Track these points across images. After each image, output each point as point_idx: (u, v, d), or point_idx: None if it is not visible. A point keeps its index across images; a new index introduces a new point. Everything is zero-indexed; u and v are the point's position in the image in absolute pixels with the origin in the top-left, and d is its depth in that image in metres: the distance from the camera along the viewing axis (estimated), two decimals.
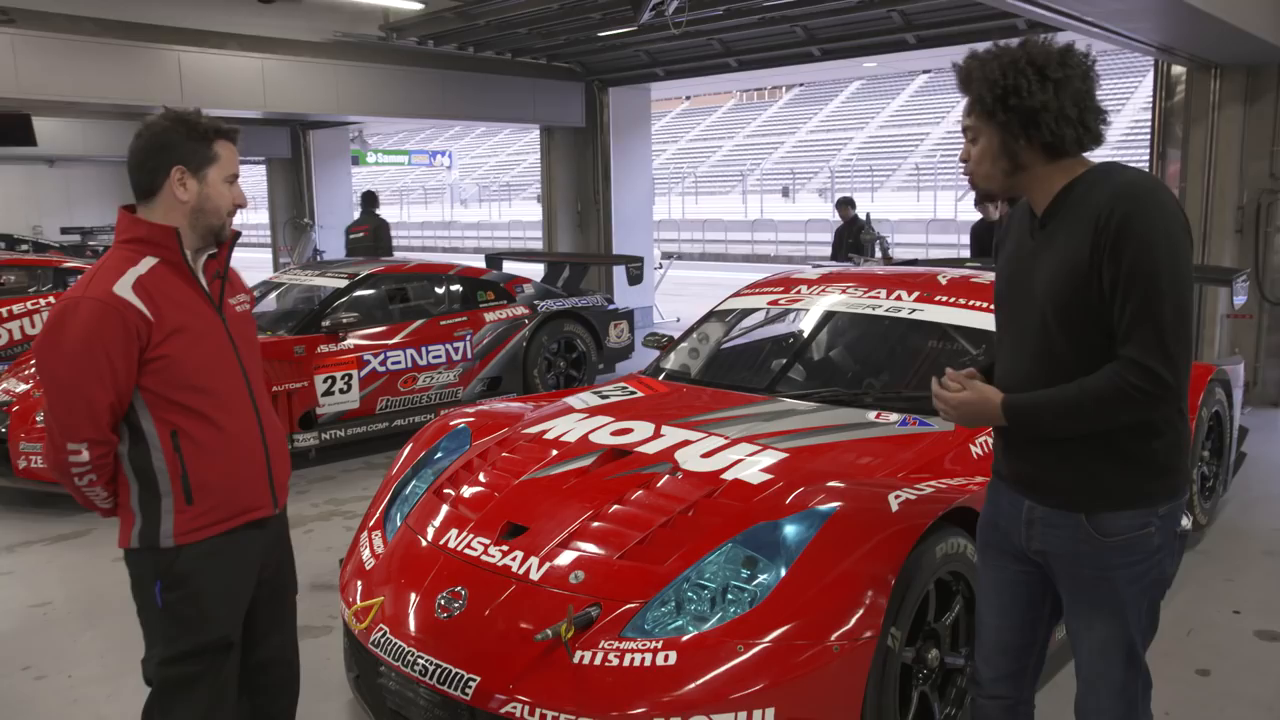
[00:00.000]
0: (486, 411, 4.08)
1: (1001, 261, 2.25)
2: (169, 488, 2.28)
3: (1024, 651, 2.33)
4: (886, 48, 10.24)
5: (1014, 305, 2.15)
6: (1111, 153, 20.07)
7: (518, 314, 7.91)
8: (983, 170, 2.10)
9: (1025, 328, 2.10)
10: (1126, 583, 2.09)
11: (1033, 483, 2.15)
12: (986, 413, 2.09)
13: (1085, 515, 2.07)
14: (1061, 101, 1.98)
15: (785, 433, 3.43)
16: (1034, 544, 2.17)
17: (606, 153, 12.91)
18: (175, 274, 2.30)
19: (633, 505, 3.04)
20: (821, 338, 4.42)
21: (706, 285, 19.97)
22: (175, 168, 2.26)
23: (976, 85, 2.03)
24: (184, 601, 2.34)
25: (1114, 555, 2.07)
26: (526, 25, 9.87)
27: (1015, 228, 2.22)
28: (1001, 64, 2.00)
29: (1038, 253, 2.09)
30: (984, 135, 2.07)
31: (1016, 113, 1.99)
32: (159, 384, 2.23)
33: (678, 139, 49.52)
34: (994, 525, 2.30)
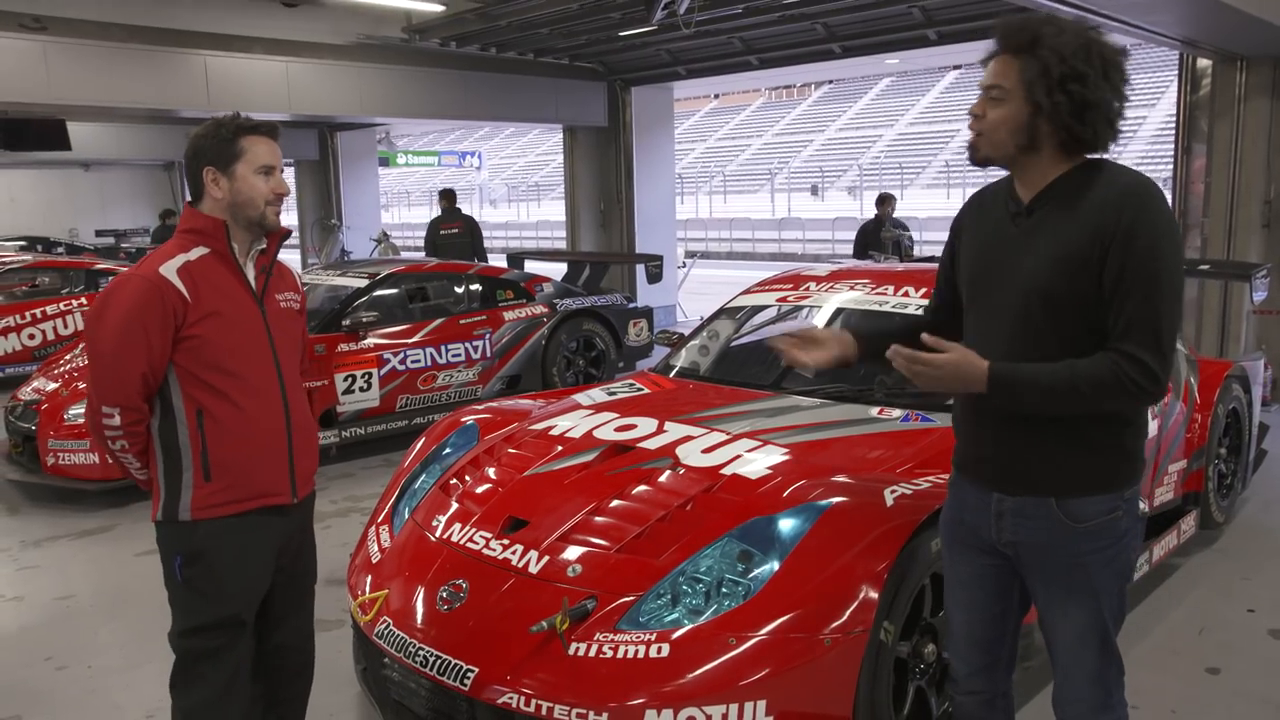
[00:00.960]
0: (496, 408, 4.14)
1: (971, 242, 2.21)
2: (190, 462, 2.43)
3: (996, 644, 2.33)
4: (907, 44, 10.20)
5: (988, 287, 2.12)
6: (1145, 149, 19.83)
7: (537, 313, 7.96)
8: (998, 137, 2.02)
9: (1000, 311, 2.08)
10: (1099, 567, 2.09)
11: (1002, 472, 2.14)
12: (969, 377, 1.97)
13: (1056, 501, 2.07)
14: (1111, 103, 1.95)
15: (787, 428, 3.45)
16: (1005, 536, 2.16)
17: (629, 152, 12.96)
18: (221, 264, 2.46)
19: (632, 500, 3.07)
20: None
21: (731, 284, 19.85)
22: (205, 169, 2.45)
23: (1043, 54, 1.93)
24: (200, 577, 2.47)
25: (1086, 541, 2.08)
26: (547, 26, 9.94)
27: (987, 210, 2.18)
28: (1077, 43, 1.93)
29: (1022, 238, 2.06)
30: (1013, 103, 1.98)
31: (1071, 99, 1.93)
32: (190, 361, 2.39)
33: (706, 138, 49.45)
34: (958, 521, 2.29)
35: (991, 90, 2.02)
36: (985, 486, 2.18)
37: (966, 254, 2.23)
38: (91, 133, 16.78)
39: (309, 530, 2.76)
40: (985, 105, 2.04)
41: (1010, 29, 2.00)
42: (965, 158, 2.15)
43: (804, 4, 9.04)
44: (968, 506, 2.24)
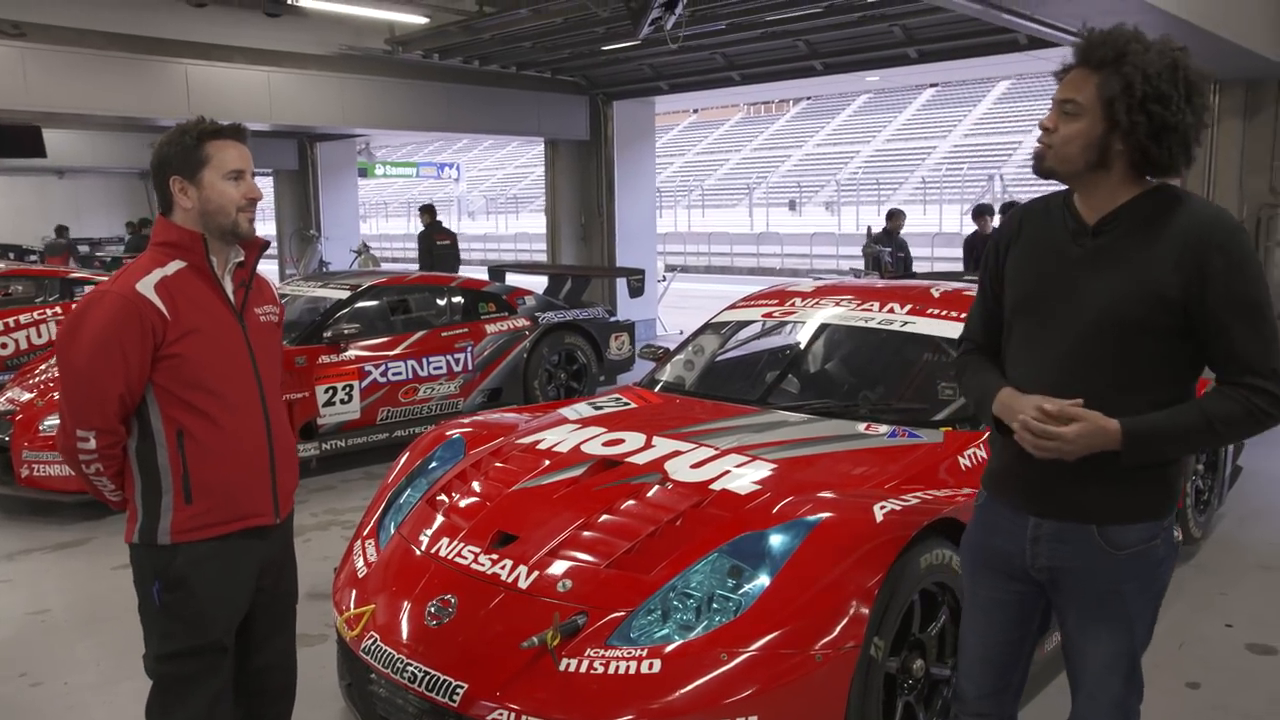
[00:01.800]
0: (482, 422, 4.12)
1: (1024, 259, 2.13)
2: (170, 484, 2.34)
3: (1009, 668, 2.30)
4: (888, 62, 10.30)
5: (1044, 307, 2.06)
6: None
7: (519, 325, 7.95)
8: (1069, 151, 1.95)
9: (1058, 332, 2.03)
10: (1135, 594, 2.07)
11: (1044, 497, 2.09)
12: (1100, 441, 1.92)
13: (1097, 527, 2.04)
14: (1190, 128, 1.90)
15: (775, 444, 3.46)
16: (1040, 561, 2.12)
17: (610, 165, 13.00)
18: (199, 278, 2.38)
19: (621, 515, 3.07)
20: (815, 350, 4.45)
21: (711, 298, 19.96)
22: (172, 179, 2.35)
23: (1128, 71, 1.86)
24: (180, 602, 2.39)
25: (1125, 568, 2.05)
26: (531, 39, 9.97)
27: (1040, 226, 2.11)
28: (1164, 63, 1.87)
29: (1088, 260, 2.01)
30: (1088, 119, 1.92)
31: (1150, 120, 1.87)
32: (169, 381, 2.30)
33: (685, 152, 49.67)
34: (986, 545, 2.24)
35: (1066, 104, 1.95)
36: (1022, 510, 2.13)
37: (1017, 270, 2.16)
38: (67, 140, 16.67)
39: (290, 548, 2.70)
40: (1058, 119, 1.97)
41: (1094, 42, 1.93)
42: (941, 174, 2.11)
43: (787, 21, 9.11)
44: (999, 530, 2.19)
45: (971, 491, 3.19)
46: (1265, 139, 8.41)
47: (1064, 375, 2.00)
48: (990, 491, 2.25)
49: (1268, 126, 8.37)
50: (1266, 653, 4.01)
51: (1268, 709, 3.58)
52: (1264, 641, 4.09)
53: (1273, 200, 8.52)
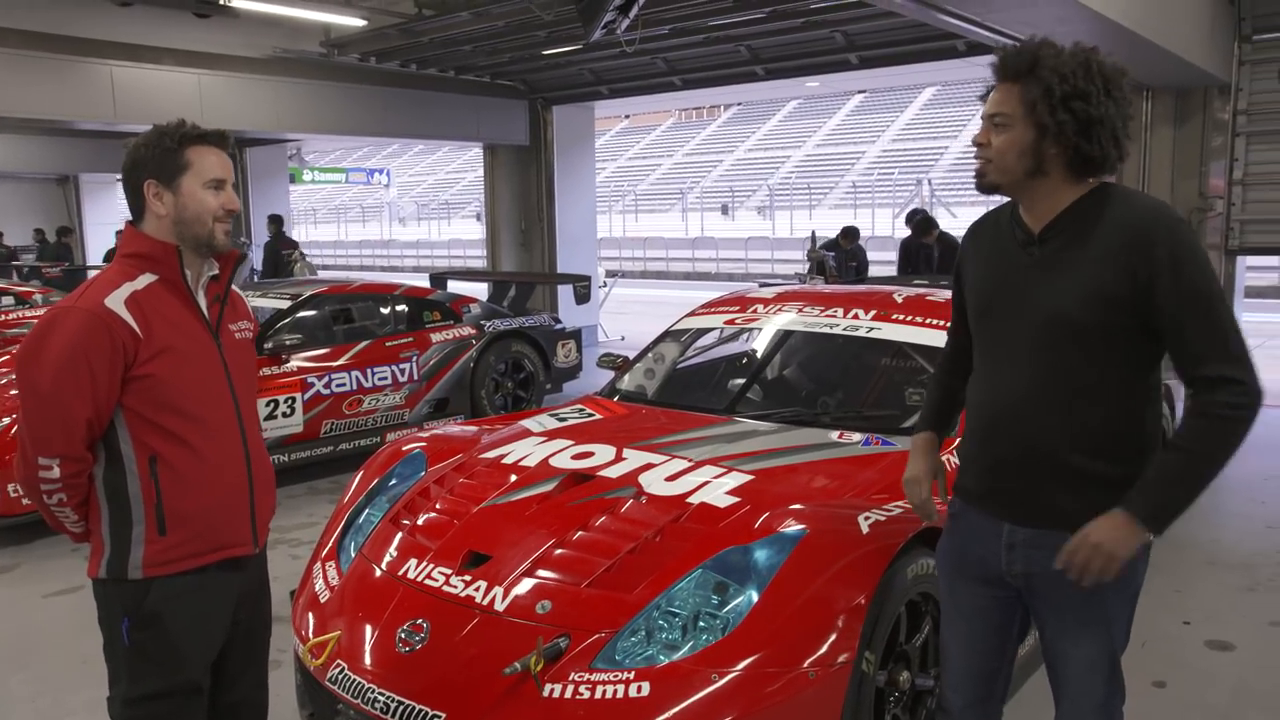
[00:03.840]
0: (440, 436, 3.99)
1: (977, 273, 2.18)
2: (142, 515, 2.18)
3: (993, 676, 2.31)
4: (829, 67, 10.38)
5: (1001, 319, 2.09)
6: None
7: (464, 334, 7.80)
8: (1005, 163, 2.00)
9: (1018, 343, 2.05)
10: (1113, 595, 2.07)
11: (1018, 504, 2.10)
12: (1126, 537, 1.95)
13: (1071, 532, 2.03)
14: (1115, 120, 1.94)
15: (749, 454, 3.40)
16: (1015, 567, 2.13)
17: (550, 171, 12.89)
18: (172, 293, 2.22)
19: (598, 531, 2.97)
20: (779, 357, 4.41)
21: (649, 303, 19.98)
22: (147, 183, 2.20)
23: (1044, 74, 1.91)
24: (152, 640, 2.23)
25: None
26: (471, 43, 9.82)
27: (990, 239, 2.16)
28: (1076, 62, 1.92)
29: (1036, 269, 2.03)
30: (1018, 127, 1.97)
31: (1075, 117, 1.92)
32: (141, 404, 2.15)
33: (617, 157, 49.65)
34: (961, 551, 2.25)
35: (995, 118, 2.00)
36: (997, 517, 2.14)
37: (974, 284, 2.20)
38: None
39: (265, 576, 2.56)
40: (989, 133, 2.02)
41: (1008, 56, 2.00)
42: (871, 178, 2.11)
43: (730, 26, 9.10)
44: (973, 536, 2.20)
45: (949, 499, 3.18)
46: (1194, 145, 8.63)
47: (1030, 386, 2.03)
48: (964, 500, 2.25)
49: (1196, 132, 8.60)
50: (1224, 649, 4.07)
51: (1232, 703, 3.63)
52: (1221, 638, 4.15)
53: (1202, 205, 8.74)
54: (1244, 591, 4.70)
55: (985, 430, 2.11)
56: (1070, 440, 2.02)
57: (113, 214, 21.81)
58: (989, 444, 2.12)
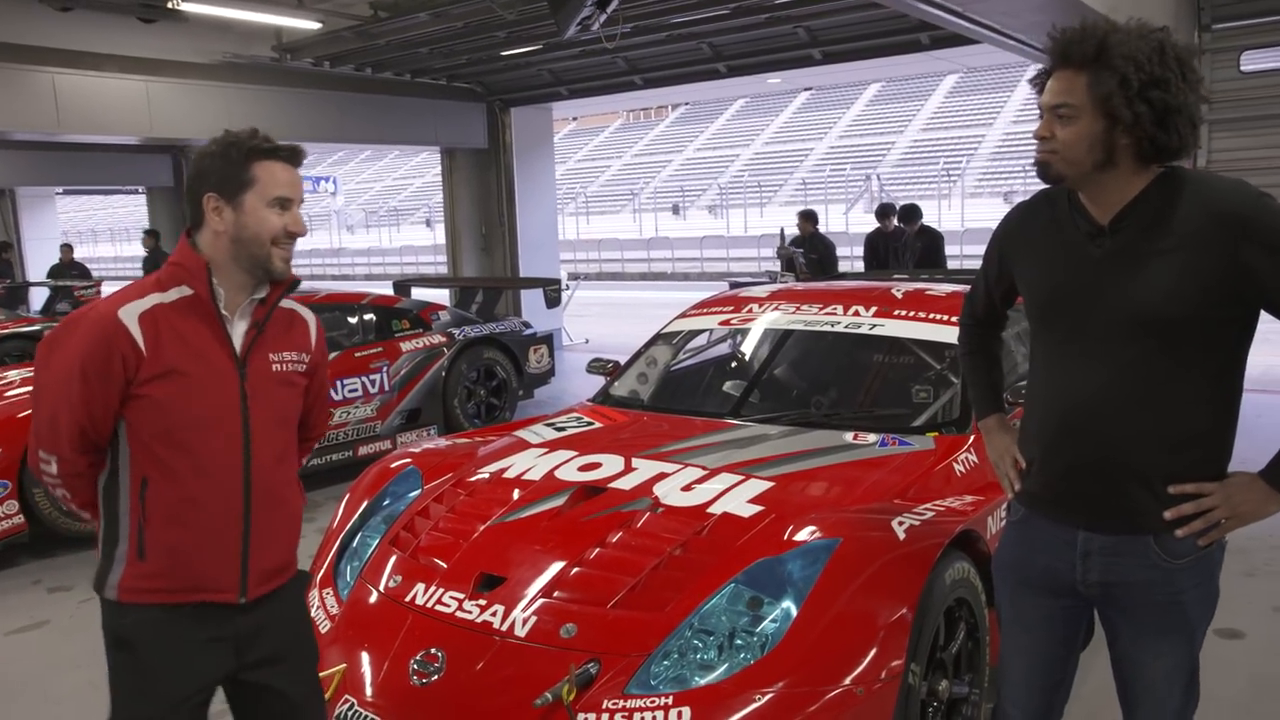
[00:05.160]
0: (432, 451, 3.81)
1: (1037, 266, 2.05)
2: (126, 533, 2.04)
3: (1054, 689, 2.20)
4: (792, 63, 10.32)
5: (1073, 317, 1.96)
6: (986, 165, 20.58)
7: (435, 342, 7.60)
8: (1074, 155, 1.85)
9: (1097, 341, 1.92)
10: (1194, 604, 1.97)
11: (1093, 509, 1.98)
12: (1266, 505, 1.89)
13: (1154, 537, 1.93)
14: (1193, 107, 1.83)
15: (764, 460, 3.27)
16: (1091, 576, 2.01)
17: (510, 174, 12.69)
18: (198, 312, 2.04)
19: (617, 548, 2.83)
20: (782, 357, 4.27)
21: (608, 305, 19.85)
22: (208, 195, 2.04)
23: (1117, 63, 1.78)
24: (124, 667, 2.08)
25: (1184, 577, 1.94)
26: (428, 45, 9.60)
27: (1047, 229, 2.02)
28: (1150, 46, 1.79)
29: (1109, 262, 1.91)
30: (1085, 118, 1.83)
31: (1153, 107, 1.79)
32: (140, 423, 2.00)
33: (566, 159, 49.41)
34: (1027, 562, 2.12)
35: (1059, 109, 1.87)
36: (1069, 524, 2.02)
37: (1032, 277, 2.07)
38: None
39: (289, 635, 2.24)
40: (1053, 125, 1.89)
41: (1070, 41, 1.86)
42: (822, 175, 1.98)
43: (693, 24, 9.00)
44: (1040, 546, 2.08)
45: (975, 499, 3.08)
46: None
47: (1110, 384, 1.91)
48: (1030, 507, 2.12)
49: None
50: (1235, 636, 4.01)
51: (1252, 693, 3.57)
52: (1230, 626, 4.10)
53: None
54: (1244, 577, 4.67)
55: (1057, 432, 1.99)
56: (1156, 441, 1.90)
57: (53, 229, 21.16)
58: (1061, 446, 2.00)
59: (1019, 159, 32.15)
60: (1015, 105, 36.80)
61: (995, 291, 2.26)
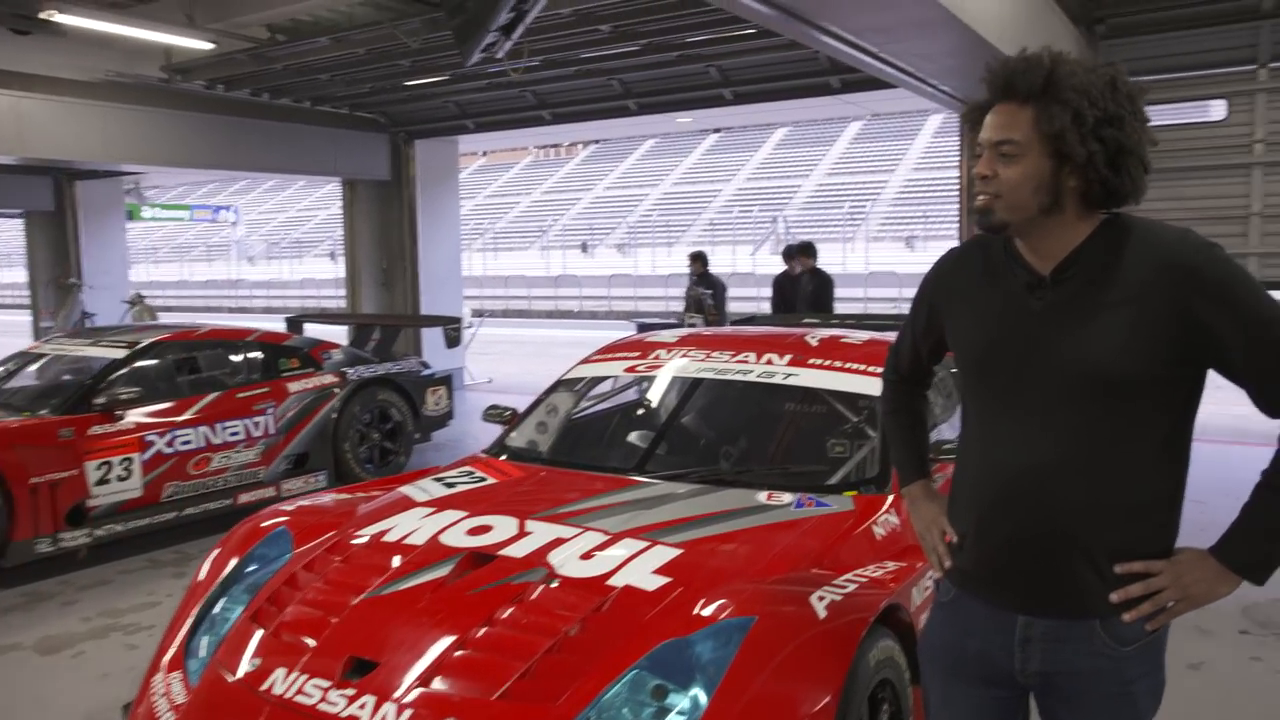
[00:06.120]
0: (308, 509, 3.44)
1: (971, 317, 1.85)
2: None
3: None
4: (703, 103, 10.24)
5: (1012, 377, 1.76)
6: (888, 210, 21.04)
7: (326, 383, 7.17)
8: (1018, 198, 1.68)
9: (1039, 403, 1.73)
10: (1144, 694, 1.77)
11: (1035, 590, 1.76)
12: (1218, 587, 1.71)
13: (1100, 621, 1.73)
14: (1143, 147, 1.67)
15: (671, 523, 2.99)
16: (1031, 664, 1.79)
17: (413, 207, 12.31)
18: None
19: (507, 626, 2.52)
20: (690, 408, 4.02)
21: (514, 343, 19.51)
22: None
23: (1068, 96, 1.63)
24: None
25: (1133, 665, 1.74)
26: (329, 71, 9.22)
27: (986, 284, 1.82)
28: (1102, 81, 1.64)
29: (1055, 315, 1.72)
30: (1032, 156, 1.66)
31: (1106, 146, 1.63)
32: None
33: (475, 195, 48.96)
34: (957, 647, 1.89)
35: (1002, 145, 1.68)
36: (1008, 606, 1.80)
37: (964, 333, 1.87)
38: None
39: None
40: (994, 163, 1.70)
41: (1015, 71, 1.68)
42: (731, 215, 1.76)
43: (603, 59, 8.83)
44: (974, 630, 1.85)
45: (897, 568, 2.86)
46: None
47: (1054, 450, 1.71)
48: (961, 586, 1.89)
49: None
50: None
51: None
52: None
53: None
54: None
55: (993, 503, 1.77)
56: (1103, 513, 1.70)
57: None
58: (998, 519, 1.78)
59: (920, 204, 32.98)
60: (916, 152, 37.80)
61: (923, 345, 2.06)
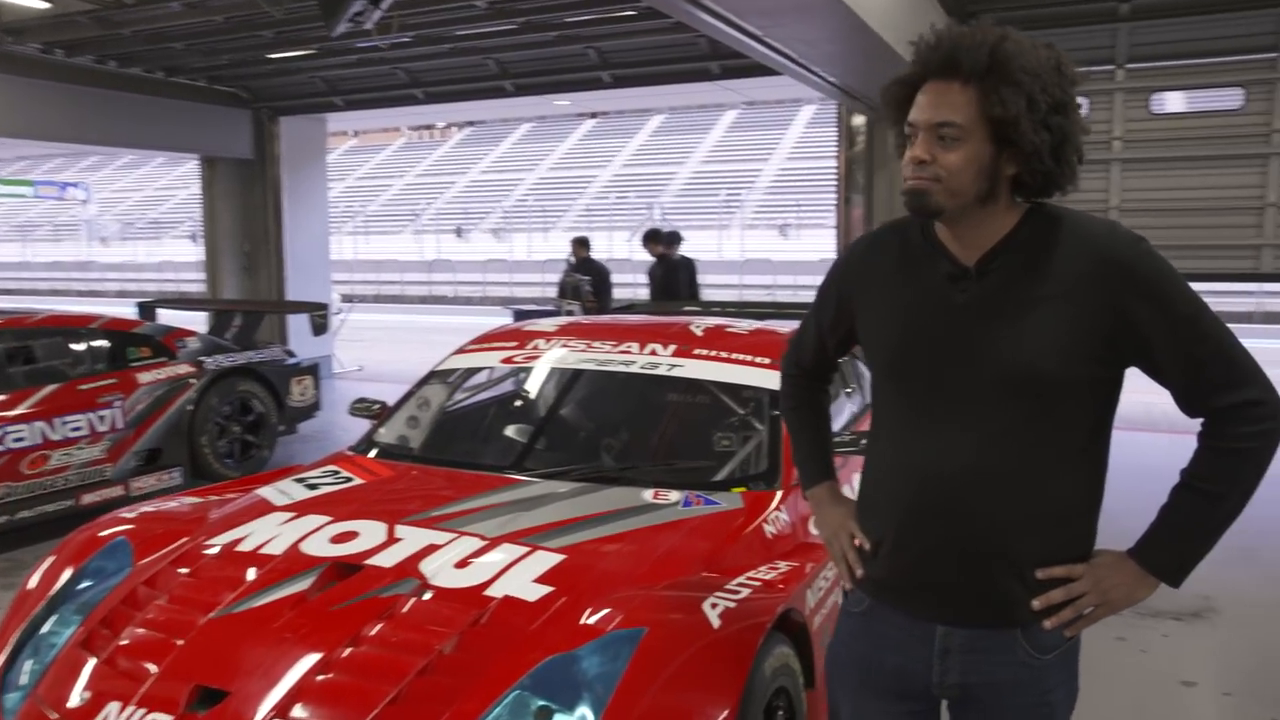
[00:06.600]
0: (152, 515, 3.13)
1: (885, 308, 1.73)
2: None
3: None
4: (581, 85, 10.06)
5: (931, 375, 1.65)
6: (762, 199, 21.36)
7: (180, 373, 6.70)
8: (959, 184, 1.56)
9: (960, 404, 1.62)
10: (1061, 703, 1.71)
11: (955, 599, 1.67)
12: (1139, 590, 1.66)
13: (1021, 630, 1.65)
14: (1079, 135, 1.58)
15: (553, 525, 2.82)
16: (950, 676, 1.69)
17: (278, 188, 11.74)
18: None
19: (375, 644, 2.30)
20: (571, 401, 3.84)
21: (386, 330, 18.94)
22: None
23: (1020, 78, 1.51)
24: None
25: (1053, 674, 1.68)
26: (184, 40, 8.65)
27: (903, 274, 1.70)
28: (1050, 63, 1.54)
29: (979, 310, 1.61)
30: (974, 141, 1.55)
31: (1053, 134, 1.53)
32: None
33: (345, 177, 47.51)
34: (869, 660, 1.78)
35: (943, 128, 1.55)
36: (926, 617, 1.70)
37: (878, 326, 1.74)
38: None
39: None
40: (932, 147, 1.57)
41: (960, 47, 1.55)
42: (607, 202, 1.62)
43: (479, 37, 8.54)
44: (889, 643, 1.74)
45: (789, 568, 2.75)
46: None
47: (977, 455, 1.61)
48: (876, 597, 1.78)
49: None
50: None
51: None
52: None
53: None
54: None
55: (912, 509, 1.66)
56: (1028, 519, 1.62)
57: None
58: (919, 527, 1.67)
59: (794, 193, 33.51)
60: (790, 141, 38.39)
61: (829, 338, 1.92)
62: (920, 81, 1.60)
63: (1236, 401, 1.57)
